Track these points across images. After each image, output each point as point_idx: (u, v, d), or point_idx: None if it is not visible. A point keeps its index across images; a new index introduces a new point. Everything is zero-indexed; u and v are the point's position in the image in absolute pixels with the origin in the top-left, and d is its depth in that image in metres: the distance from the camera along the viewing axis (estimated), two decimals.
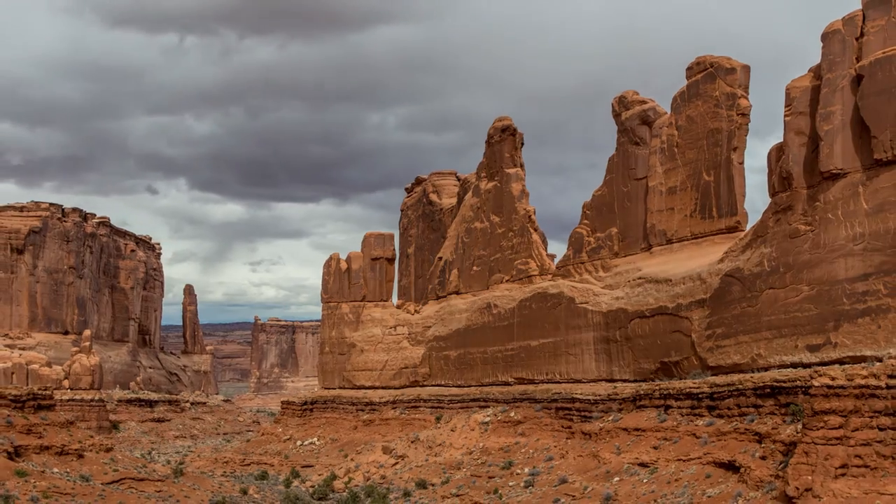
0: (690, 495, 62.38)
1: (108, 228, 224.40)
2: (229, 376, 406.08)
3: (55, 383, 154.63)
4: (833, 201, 66.14)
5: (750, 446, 64.09)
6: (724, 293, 77.17)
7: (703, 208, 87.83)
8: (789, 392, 64.69)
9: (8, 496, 63.82)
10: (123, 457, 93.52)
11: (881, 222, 62.54)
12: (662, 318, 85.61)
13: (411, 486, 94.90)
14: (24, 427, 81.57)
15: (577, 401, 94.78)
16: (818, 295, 67.05)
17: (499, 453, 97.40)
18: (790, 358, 68.93)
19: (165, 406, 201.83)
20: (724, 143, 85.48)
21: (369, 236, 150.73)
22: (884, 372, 51.01)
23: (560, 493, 74.33)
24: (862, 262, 63.73)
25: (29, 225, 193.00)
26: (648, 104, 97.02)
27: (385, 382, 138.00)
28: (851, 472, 49.69)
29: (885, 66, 62.17)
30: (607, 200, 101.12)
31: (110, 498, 73.30)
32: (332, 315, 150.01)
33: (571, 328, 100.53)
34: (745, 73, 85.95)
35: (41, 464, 77.36)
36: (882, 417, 49.95)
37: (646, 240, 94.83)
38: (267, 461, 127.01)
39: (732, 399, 70.17)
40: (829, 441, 50.94)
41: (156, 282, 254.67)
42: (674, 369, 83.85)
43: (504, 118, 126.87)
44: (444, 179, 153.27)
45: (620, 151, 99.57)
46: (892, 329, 60.85)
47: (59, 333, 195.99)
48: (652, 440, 75.18)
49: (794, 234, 69.60)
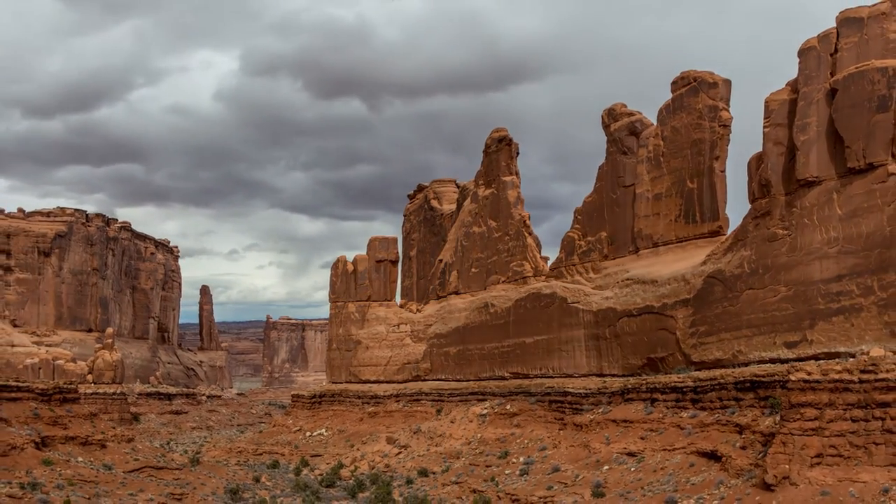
0: (675, 483, 62.31)
1: (130, 233, 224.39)
2: (243, 371, 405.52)
3: (79, 378, 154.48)
4: (809, 207, 66.20)
5: (731, 437, 64.07)
6: (707, 293, 77.18)
7: (687, 214, 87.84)
8: (768, 386, 64.70)
9: (35, 483, 63.81)
10: (143, 447, 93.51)
11: (854, 227, 62.62)
12: (649, 317, 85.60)
13: (413, 474, 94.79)
14: (51, 419, 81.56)
15: (569, 394, 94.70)
16: (795, 295, 67.08)
17: (495, 443, 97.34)
18: (769, 354, 68.96)
19: (183, 399, 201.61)
20: (707, 153, 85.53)
21: (374, 240, 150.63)
22: (856, 367, 51.04)
23: (553, 481, 74.26)
24: (836, 265, 63.78)
25: (55, 229, 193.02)
26: (636, 116, 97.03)
27: (389, 377, 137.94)
28: (826, 461, 49.72)
29: (858, 80, 62.28)
30: (597, 206, 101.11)
31: (131, 485, 73.25)
32: (340, 314, 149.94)
33: (564, 326, 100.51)
34: (726, 86, 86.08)
35: (66, 453, 77.32)
36: (855, 410, 49.99)
37: (633, 243, 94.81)
38: (278, 451, 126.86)
39: (714, 393, 70.18)
40: (806, 432, 50.97)
41: (174, 282, 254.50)
42: (659, 365, 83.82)
43: (500, 129, 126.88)
44: (445, 186, 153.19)
45: (609, 160, 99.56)
46: (865, 327, 60.88)
47: (84, 331, 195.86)
48: (639, 431, 75.14)
49: (773, 237, 69.64)
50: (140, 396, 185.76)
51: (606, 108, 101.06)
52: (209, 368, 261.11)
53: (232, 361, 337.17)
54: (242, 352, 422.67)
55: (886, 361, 50.22)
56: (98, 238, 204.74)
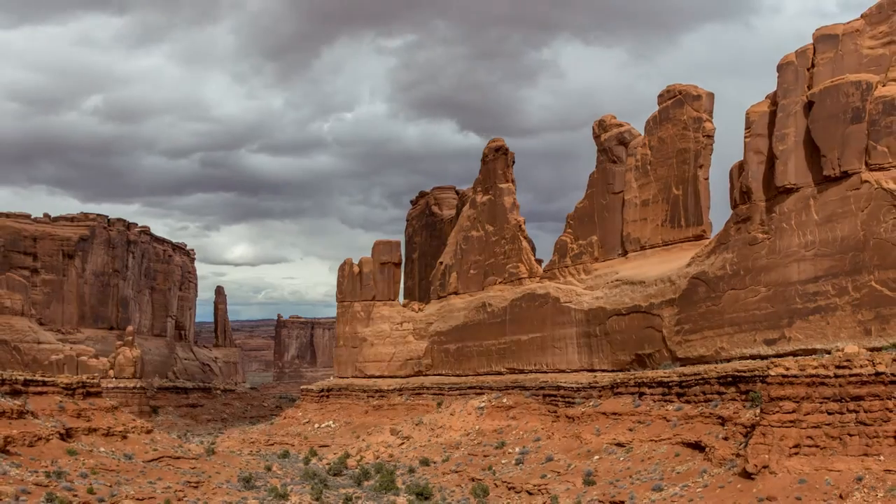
0: (661, 472, 62.28)
1: (149, 237, 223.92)
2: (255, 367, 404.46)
3: (102, 373, 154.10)
4: (787, 213, 66.22)
5: (714, 428, 64.04)
6: (692, 293, 77.18)
7: (673, 219, 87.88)
8: (749, 380, 64.72)
9: (60, 472, 63.77)
10: (162, 438, 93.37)
11: (829, 231, 62.65)
12: (637, 316, 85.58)
13: (415, 463, 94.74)
14: (75, 412, 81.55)
15: (561, 388, 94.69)
16: (774, 295, 67.09)
17: (493, 435, 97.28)
18: (749, 350, 68.95)
19: (199, 393, 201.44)
20: (691, 161, 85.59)
21: (378, 244, 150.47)
22: (832, 363, 51.05)
23: (547, 470, 74.24)
24: (813, 267, 63.80)
25: (79, 233, 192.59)
26: (624, 127, 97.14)
27: (392, 372, 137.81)
28: (804, 451, 49.71)
29: (833, 93, 62.34)
30: (588, 212, 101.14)
31: (150, 474, 73.19)
32: (346, 313, 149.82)
33: (557, 324, 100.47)
34: (709, 99, 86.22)
35: (90, 444, 77.29)
36: (830, 403, 49.98)
37: (622, 246, 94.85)
38: (288, 441, 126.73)
39: (698, 387, 70.15)
40: (784, 424, 50.95)
41: (190, 283, 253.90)
42: (647, 361, 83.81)
43: (497, 140, 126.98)
44: (445, 193, 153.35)
45: (600, 168, 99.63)
46: (840, 325, 60.90)
47: (105, 329, 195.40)
48: (628, 423, 75.09)
49: (753, 241, 69.64)
50: (159, 390, 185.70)
51: (597, 120, 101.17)
52: (223, 364, 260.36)
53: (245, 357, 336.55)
54: (255, 348, 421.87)
55: (860, 358, 50.22)
56: (119, 241, 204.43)
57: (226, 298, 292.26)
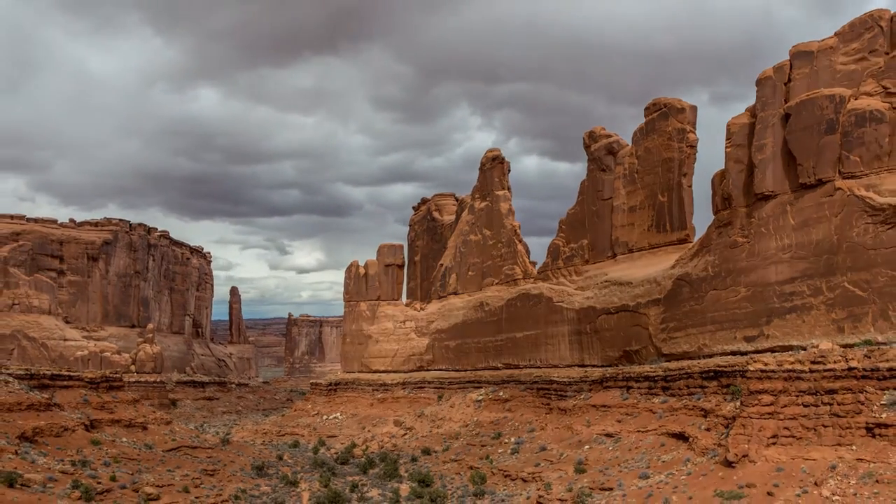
0: (648, 460, 62.26)
1: (168, 240, 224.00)
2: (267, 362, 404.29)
3: (124, 368, 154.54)
4: (765, 218, 66.25)
5: (697, 420, 64.04)
6: (676, 294, 77.18)
7: (659, 224, 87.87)
8: (729, 375, 64.71)
9: (85, 461, 63.81)
10: (180, 428, 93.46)
11: (805, 235, 62.68)
12: (625, 315, 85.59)
13: (418, 452, 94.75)
14: (98, 404, 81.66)
15: (554, 382, 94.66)
16: (753, 295, 67.10)
17: (490, 426, 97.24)
18: (730, 347, 68.94)
19: (215, 387, 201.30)
20: (676, 170, 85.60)
21: (383, 247, 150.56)
22: (807, 359, 51.07)
23: (540, 459, 74.22)
24: (789, 268, 63.83)
25: (102, 237, 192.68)
26: (613, 137, 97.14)
27: (396, 367, 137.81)
28: (781, 441, 49.71)
29: (809, 106, 62.41)
30: (579, 217, 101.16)
31: (169, 462, 73.26)
32: (353, 312, 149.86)
33: (550, 322, 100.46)
34: (692, 112, 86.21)
35: (112, 434, 77.35)
36: (806, 396, 49.99)
37: (611, 249, 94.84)
38: (298, 432, 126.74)
39: (682, 381, 70.15)
40: (763, 416, 50.97)
41: (207, 284, 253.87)
42: (634, 356, 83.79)
43: (494, 150, 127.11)
44: (445, 200, 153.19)
45: (590, 177, 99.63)
46: (815, 323, 60.92)
47: (127, 327, 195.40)
48: (616, 415, 75.08)
49: (734, 244, 69.66)
50: (177, 384, 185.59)
51: (587, 131, 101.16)
52: (238, 360, 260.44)
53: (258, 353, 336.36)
54: (267, 345, 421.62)
55: (833, 354, 50.27)
56: (140, 245, 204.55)
57: (240, 298, 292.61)
